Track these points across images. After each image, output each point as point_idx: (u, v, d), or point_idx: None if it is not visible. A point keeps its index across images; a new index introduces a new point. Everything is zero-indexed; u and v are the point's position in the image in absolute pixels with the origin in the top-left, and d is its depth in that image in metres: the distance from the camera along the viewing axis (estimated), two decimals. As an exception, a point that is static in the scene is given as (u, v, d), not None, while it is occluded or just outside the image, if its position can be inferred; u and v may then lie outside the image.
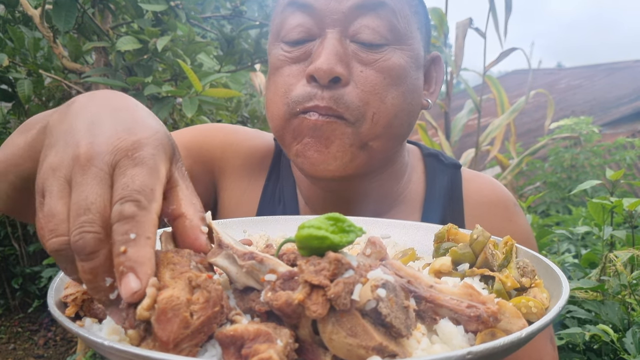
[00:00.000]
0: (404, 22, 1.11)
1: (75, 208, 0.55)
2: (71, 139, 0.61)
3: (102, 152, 0.58)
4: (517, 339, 0.54)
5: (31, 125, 0.86)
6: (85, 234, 0.54)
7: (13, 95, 3.06)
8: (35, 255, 4.79)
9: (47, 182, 0.58)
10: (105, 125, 0.61)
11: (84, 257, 0.55)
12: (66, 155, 0.59)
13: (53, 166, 0.59)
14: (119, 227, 0.55)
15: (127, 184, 0.56)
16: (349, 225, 0.59)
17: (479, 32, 4.91)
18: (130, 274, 0.53)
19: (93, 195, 0.56)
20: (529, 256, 0.81)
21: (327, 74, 1.03)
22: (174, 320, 0.52)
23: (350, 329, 0.52)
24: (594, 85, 13.22)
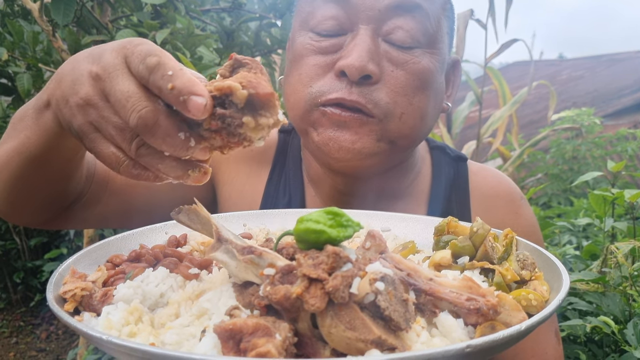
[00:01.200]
0: (436, 26, 1.11)
1: (118, 103, 0.65)
2: (80, 76, 0.70)
3: (111, 60, 0.68)
4: (517, 332, 0.54)
5: (22, 115, 0.89)
6: (139, 112, 0.63)
7: (12, 89, 3.05)
8: (37, 250, 4.81)
9: (90, 113, 0.68)
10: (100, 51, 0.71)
11: (150, 130, 0.64)
12: (86, 85, 0.69)
13: (83, 101, 0.69)
14: (153, 77, 0.63)
15: (139, 54, 0.65)
16: (347, 220, 0.59)
17: (479, 24, 4.88)
18: (191, 97, 0.61)
19: (125, 85, 0.65)
20: (530, 249, 0.81)
21: (359, 71, 1.02)
22: (261, 78, 0.63)
23: (349, 322, 0.52)
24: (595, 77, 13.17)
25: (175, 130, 0.64)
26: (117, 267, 0.78)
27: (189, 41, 2.59)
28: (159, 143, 0.65)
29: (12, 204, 1.03)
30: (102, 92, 0.68)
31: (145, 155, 0.67)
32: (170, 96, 0.62)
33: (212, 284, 0.70)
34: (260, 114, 0.63)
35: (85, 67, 0.70)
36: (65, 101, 0.72)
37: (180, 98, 0.61)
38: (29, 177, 0.95)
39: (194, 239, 0.90)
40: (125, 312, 0.64)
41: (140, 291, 0.68)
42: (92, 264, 0.81)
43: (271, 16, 2.88)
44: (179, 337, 0.60)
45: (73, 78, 0.71)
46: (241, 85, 0.62)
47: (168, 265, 0.75)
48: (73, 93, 0.71)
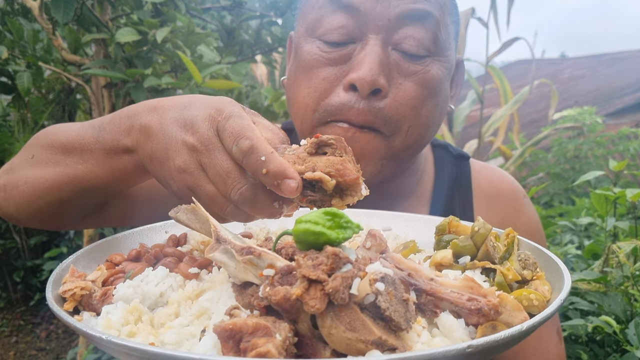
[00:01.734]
0: (445, 33, 1.10)
1: (219, 179, 0.72)
2: (176, 140, 0.76)
3: (205, 132, 0.74)
4: (518, 332, 0.54)
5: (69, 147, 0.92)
6: (239, 190, 0.71)
7: (13, 87, 3.05)
8: (37, 248, 4.81)
9: (188, 180, 0.74)
10: (191, 117, 0.76)
11: (249, 205, 0.72)
12: (183, 154, 0.74)
13: (182, 168, 0.75)
14: (247, 160, 0.70)
15: (231, 133, 0.72)
16: (346, 222, 0.58)
17: (481, 22, 4.87)
18: (284, 181, 0.68)
19: (223, 162, 0.72)
20: (531, 248, 0.80)
21: (370, 85, 1.02)
22: (346, 162, 0.70)
23: (349, 323, 0.52)
24: (597, 76, 13.14)
25: (271, 201, 0.73)
26: (117, 266, 0.78)
27: (189, 39, 2.59)
28: (255, 212, 0.73)
29: (38, 219, 1.04)
30: (199, 163, 0.74)
31: (236, 215, 0.76)
32: (264, 179, 0.69)
33: (212, 283, 0.70)
34: (346, 194, 0.72)
35: (179, 135, 0.76)
36: (159, 162, 0.78)
37: (275, 182, 0.68)
38: (79, 201, 0.98)
39: (193, 238, 0.90)
40: (124, 311, 0.64)
41: (140, 290, 0.68)
42: (92, 263, 0.81)
43: (272, 14, 2.87)
44: (178, 337, 0.60)
45: (166, 143, 0.77)
46: (329, 175, 0.69)
47: (168, 265, 0.75)
48: (169, 159, 0.76)
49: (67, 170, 0.93)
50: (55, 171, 0.95)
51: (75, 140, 0.93)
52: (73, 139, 0.93)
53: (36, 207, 1.00)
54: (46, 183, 0.96)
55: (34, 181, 0.98)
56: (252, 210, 0.73)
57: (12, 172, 1.03)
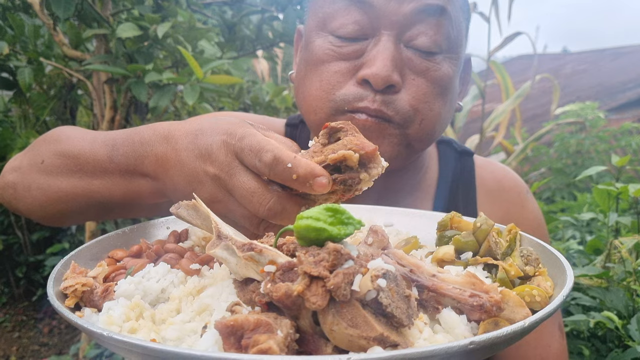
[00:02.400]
0: (458, 30, 1.10)
1: (246, 201, 0.74)
2: (197, 175, 0.78)
3: (224, 158, 0.76)
4: (520, 328, 0.54)
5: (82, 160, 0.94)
6: (268, 206, 0.74)
7: (14, 83, 3.05)
8: (39, 244, 4.81)
9: (220, 206, 0.77)
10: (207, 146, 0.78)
11: (280, 218, 0.75)
12: (209, 186, 0.77)
13: (209, 198, 0.77)
14: (274, 172, 0.72)
15: (250, 151, 0.73)
16: (347, 218, 0.58)
17: (483, 17, 4.85)
18: (315, 180, 0.70)
19: (246, 183, 0.74)
20: (533, 244, 0.80)
21: (384, 81, 1.02)
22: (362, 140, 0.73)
23: (350, 319, 0.52)
24: (599, 70, 13.10)
25: (298, 207, 0.75)
26: (118, 262, 0.78)
27: (190, 35, 2.58)
28: (286, 222, 0.75)
29: (49, 220, 1.06)
30: (225, 189, 0.77)
31: (271, 228, 0.78)
32: (295, 185, 0.71)
33: (213, 279, 0.70)
34: (370, 167, 0.73)
35: (199, 167, 0.78)
36: (183, 195, 0.80)
37: (307, 184, 0.70)
38: (92, 211, 0.99)
39: (195, 234, 0.90)
40: (126, 307, 0.64)
41: (141, 287, 0.68)
42: (93, 259, 0.81)
43: (273, 9, 2.87)
44: (180, 333, 0.60)
45: (187, 175, 0.79)
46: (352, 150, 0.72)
47: (169, 261, 0.74)
48: (194, 190, 0.78)
49: (81, 184, 0.94)
50: (70, 182, 0.95)
51: (89, 156, 0.93)
52: (86, 154, 0.94)
53: (48, 211, 1.01)
54: (60, 192, 0.97)
55: (46, 189, 0.98)
56: (283, 221, 0.75)
57: (22, 172, 1.03)
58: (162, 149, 0.84)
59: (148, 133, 0.87)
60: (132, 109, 2.89)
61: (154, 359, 0.51)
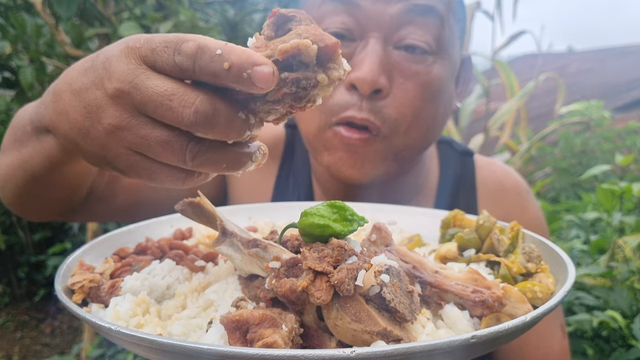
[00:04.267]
0: (448, 31, 1.09)
1: (162, 107, 0.55)
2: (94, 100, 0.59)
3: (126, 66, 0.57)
4: (522, 323, 0.54)
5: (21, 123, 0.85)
6: (194, 107, 0.54)
7: (16, 82, 3.07)
8: (41, 244, 4.83)
9: (126, 137, 0.58)
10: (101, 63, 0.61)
11: (211, 123, 0.55)
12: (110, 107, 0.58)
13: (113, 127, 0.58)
14: (200, 64, 0.54)
15: (165, 46, 0.56)
16: (351, 214, 0.59)
17: (487, 15, 4.85)
18: (254, 69, 0.52)
19: (160, 87, 0.56)
20: (535, 241, 0.80)
21: (370, 86, 1.01)
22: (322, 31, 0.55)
23: (354, 314, 0.52)
24: (605, 69, 13.05)
25: (235, 111, 0.56)
26: (124, 259, 0.78)
27: (192, 33, 2.59)
28: (222, 131, 0.56)
29: (22, 205, 1.03)
30: (132, 107, 0.57)
31: (204, 161, 0.58)
32: (229, 76, 0.53)
33: (217, 276, 0.71)
34: (330, 68, 0.56)
35: (96, 90, 0.60)
36: (83, 135, 0.62)
37: (244, 74, 0.52)
38: (35, 190, 0.93)
39: (199, 231, 0.91)
40: (132, 303, 0.65)
41: (147, 283, 0.69)
42: (99, 257, 0.82)
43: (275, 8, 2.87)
44: (185, 329, 0.61)
45: (84, 106, 0.61)
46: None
47: (174, 258, 0.75)
48: (93, 123, 0.60)
49: (16, 155, 0.88)
50: (10, 156, 0.91)
51: (20, 122, 0.86)
52: (20, 121, 0.86)
53: (9, 190, 0.97)
54: (6, 168, 0.93)
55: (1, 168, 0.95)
56: (216, 132, 0.56)
57: None
58: (57, 86, 0.67)
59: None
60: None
61: (161, 352, 0.52)
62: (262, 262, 0.60)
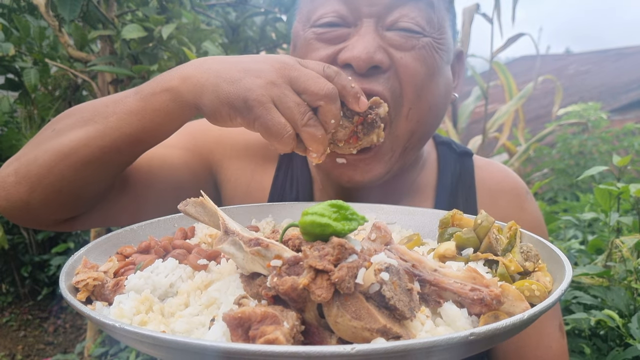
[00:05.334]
0: (439, 16, 1.09)
1: (311, 80, 0.89)
2: (258, 66, 0.91)
3: (287, 60, 0.94)
4: (519, 320, 0.55)
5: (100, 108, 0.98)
6: (332, 86, 0.90)
7: (19, 84, 3.07)
8: (44, 244, 4.83)
9: (275, 91, 0.88)
10: (261, 56, 0.96)
11: (335, 99, 0.91)
12: (271, 73, 0.89)
13: (271, 80, 0.88)
14: (340, 77, 0.93)
15: (317, 62, 0.95)
16: (351, 213, 0.60)
17: (486, 18, 4.86)
18: (362, 96, 0.95)
19: (313, 72, 0.91)
20: (533, 241, 0.81)
21: (367, 62, 1.01)
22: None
23: (354, 312, 0.53)
24: (602, 71, 13.08)
25: (338, 111, 0.92)
26: (128, 258, 0.79)
27: (194, 36, 2.60)
28: (335, 110, 0.90)
29: (48, 197, 0.99)
30: (287, 78, 0.89)
31: (311, 125, 0.89)
32: (351, 92, 0.93)
33: (220, 274, 0.72)
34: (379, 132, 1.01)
35: (263, 63, 0.91)
36: (231, 82, 0.88)
37: (357, 95, 0.94)
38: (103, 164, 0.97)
39: (201, 230, 0.92)
40: (136, 301, 0.65)
41: (150, 281, 0.70)
42: (103, 255, 0.83)
43: (276, 11, 2.89)
44: (188, 326, 0.62)
45: (242, 68, 0.90)
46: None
47: (177, 257, 0.76)
48: (249, 76, 0.88)
49: (95, 127, 0.95)
50: (82, 130, 0.95)
51: (109, 101, 0.97)
52: (107, 100, 0.98)
53: (55, 175, 0.96)
54: (71, 143, 0.95)
55: (57, 146, 0.95)
56: (333, 106, 0.90)
57: (23, 156, 1.00)
58: (196, 64, 0.95)
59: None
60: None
61: (165, 349, 0.52)
62: (263, 261, 0.61)
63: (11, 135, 3.58)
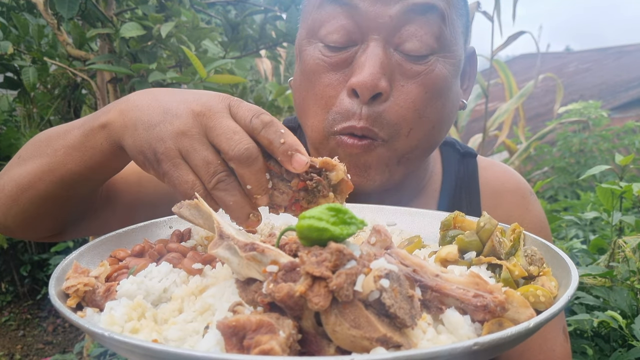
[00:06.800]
0: (451, 28, 1.06)
1: (224, 138, 0.73)
2: (178, 109, 0.77)
3: (214, 103, 0.77)
4: (525, 329, 0.53)
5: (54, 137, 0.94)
6: (246, 146, 0.73)
7: (18, 83, 3.06)
8: (43, 243, 4.83)
9: (185, 143, 0.75)
10: (195, 94, 0.80)
11: (250, 162, 0.73)
12: (186, 119, 0.76)
13: (182, 130, 0.75)
14: (266, 131, 0.74)
15: (249, 109, 0.76)
16: (350, 217, 0.57)
17: (486, 16, 4.84)
18: (297, 154, 0.74)
19: (232, 125, 0.75)
20: (537, 244, 0.79)
21: (370, 90, 1.00)
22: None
23: (353, 320, 0.51)
24: (603, 69, 13.07)
25: (265, 170, 0.75)
26: (121, 261, 0.77)
27: (193, 34, 2.58)
28: (250, 175, 0.74)
29: (24, 221, 1.02)
30: (202, 127, 0.75)
31: (221, 189, 0.75)
32: (279, 149, 0.74)
33: (215, 279, 0.70)
34: (337, 196, 0.79)
35: (185, 106, 0.77)
36: (145, 127, 0.78)
37: (289, 152, 0.73)
38: (60, 196, 0.96)
39: (198, 233, 0.90)
40: (128, 307, 0.63)
41: (143, 286, 0.68)
42: (96, 259, 0.81)
43: (276, 9, 2.87)
44: (182, 333, 0.60)
45: (163, 110, 0.78)
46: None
47: (171, 260, 0.74)
48: (164, 121, 0.77)
49: (46, 160, 0.93)
50: (36, 163, 0.95)
51: (62, 130, 0.94)
52: (61, 130, 0.94)
53: (20, 206, 0.98)
54: (28, 176, 0.95)
55: (17, 178, 0.97)
56: (248, 168, 0.73)
57: (1, 177, 1.03)
58: (140, 98, 0.83)
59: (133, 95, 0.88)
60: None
61: (156, 359, 0.51)
62: (259, 266, 0.59)
63: (10, 134, 3.56)
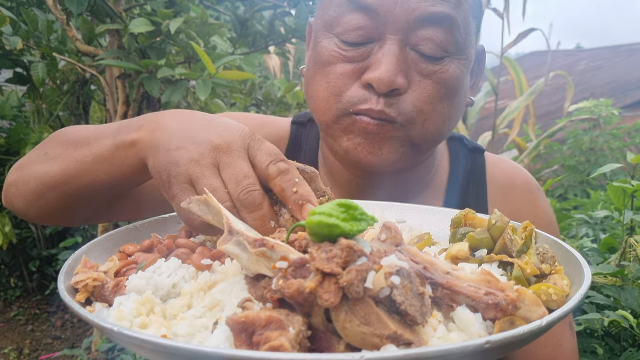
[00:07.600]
0: (465, 32, 1.08)
1: (233, 179, 0.75)
2: (199, 137, 0.79)
3: (235, 140, 0.78)
4: (537, 327, 0.52)
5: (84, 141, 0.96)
6: (252, 192, 0.74)
7: (27, 78, 3.08)
8: (52, 238, 4.85)
9: (195, 170, 0.76)
10: (220, 125, 0.81)
11: (253, 209, 0.75)
12: (203, 149, 0.77)
13: (195, 158, 0.76)
14: (282, 178, 0.76)
15: (268, 153, 0.77)
16: (360, 213, 0.57)
17: (496, 13, 4.81)
18: (308, 204, 0.75)
19: (245, 167, 0.76)
20: (549, 242, 0.78)
21: (387, 86, 1.01)
22: None
23: (363, 317, 0.51)
24: (614, 67, 12.95)
25: (270, 218, 0.76)
26: (129, 257, 0.77)
27: (202, 30, 2.58)
28: (251, 222, 0.75)
29: (48, 213, 1.06)
30: (216, 160, 0.77)
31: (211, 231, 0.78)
32: (291, 198, 0.75)
33: (224, 275, 0.69)
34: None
35: (206, 135, 0.79)
36: (166, 149, 0.80)
37: (299, 202, 0.75)
38: (85, 197, 1.00)
39: (206, 229, 0.89)
40: (137, 303, 0.63)
41: (152, 282, 0.68)
42: (104, 254, 0.81)
43: (285, 5, 2.86)
44: (191, 329, 0.60)
45: (189, 136, 0.80)
46: None
47: (180, 256, 0.74)
48: (183, 148, 0.78)
49: (74, 165, 0.95)
50: (63, 165, 0.97)
51: (92, 135, 0.95)
52: (90, 134, 0.96)
53: (45, 201, 1.02)
54: (55, 176, 0.98)
55: (43, 176, 1.00)
56: (250, 214, 0.75)
57: (23, 168, 1.06)
58: (169, 121, 0.85)
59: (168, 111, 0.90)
60: (144, 104, 2.91)
61: (164, 354, 0.50)
62: (269, 262, 0.58)
63: (19, 129, 3.58)
